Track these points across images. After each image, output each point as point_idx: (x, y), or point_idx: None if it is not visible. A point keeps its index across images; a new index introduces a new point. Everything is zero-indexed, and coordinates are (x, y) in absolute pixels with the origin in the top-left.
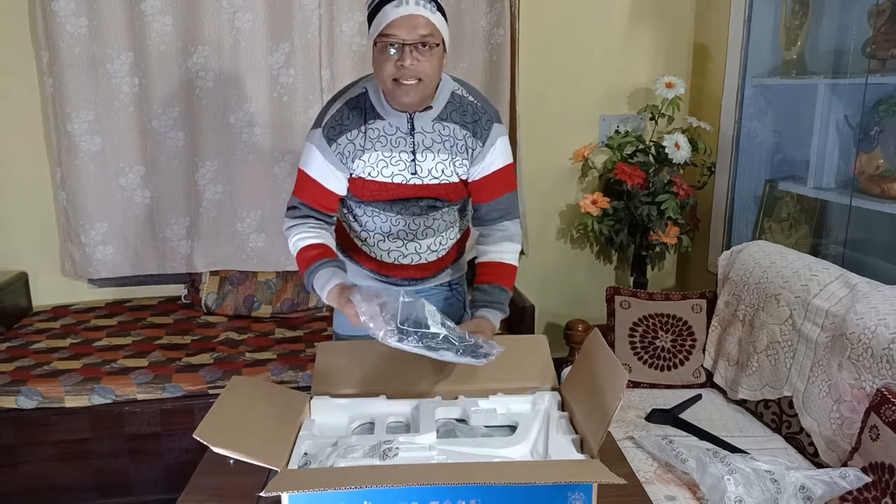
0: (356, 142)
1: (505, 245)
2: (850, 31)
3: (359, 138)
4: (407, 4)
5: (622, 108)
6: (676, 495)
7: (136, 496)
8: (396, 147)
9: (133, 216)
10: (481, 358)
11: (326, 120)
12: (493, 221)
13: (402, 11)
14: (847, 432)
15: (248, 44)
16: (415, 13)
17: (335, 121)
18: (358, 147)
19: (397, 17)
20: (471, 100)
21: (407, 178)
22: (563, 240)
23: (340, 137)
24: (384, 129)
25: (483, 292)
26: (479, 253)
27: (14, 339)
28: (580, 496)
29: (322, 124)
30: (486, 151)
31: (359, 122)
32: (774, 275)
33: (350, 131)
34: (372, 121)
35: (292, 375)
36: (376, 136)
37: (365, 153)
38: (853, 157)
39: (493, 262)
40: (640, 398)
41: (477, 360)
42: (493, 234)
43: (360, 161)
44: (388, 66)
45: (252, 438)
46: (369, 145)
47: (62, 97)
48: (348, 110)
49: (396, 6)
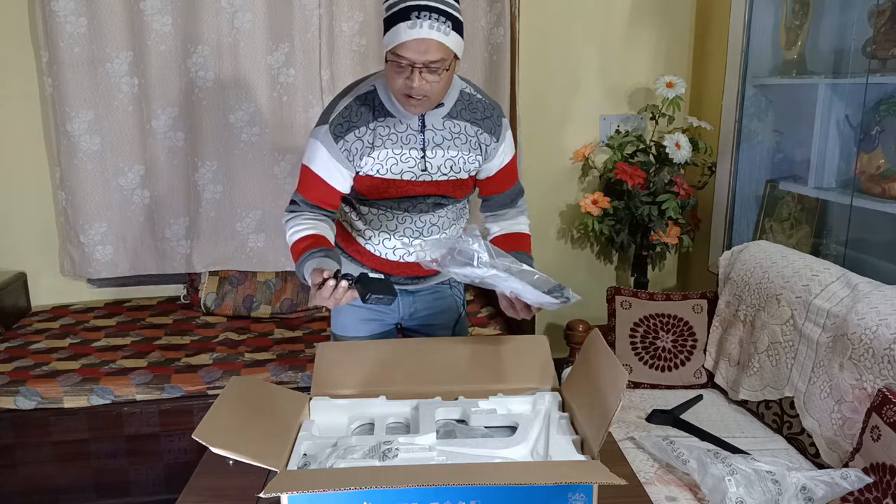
0: (365, 139)
1: (520, 218)
2: (851, 31)
3: (367, 135)
4: (420, 28)
5: (622, 108)
6: (677, 496)
7: (134, 497)
8: (407, 144)
9: (132, 216)
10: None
11: (334, 116)
12: (505, 206)
13: (414, 34)
14: (848, 433)
15: (248, 44)
16: (427, 37)
17: (343, 117)
18: (367, 144)
19: (409, 39)
20: (479, 97)
21: (417, 174)
22: (564, 240)
23: (348, 134)
24: (394, 127)
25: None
26: (494, 228)
27: (13, 339)
28: (581, 497)
29: (329, 121)
30: (499, 146)
31: (368, 120)
32: (775, 275)
33: (358, 128)
34: (382, 118)
35: (292, 376)
36: (386, 134)
37: (374, 150)
38: (854, 157)
39: (513, 233)
40: (640, 399)
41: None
42: (507, 212)
43: (369, 158)
44: (399, 81)
45: (251, 439)
46: (379, 142)
47: (62, 97)
48: (357, 107)
49: (410, 27)
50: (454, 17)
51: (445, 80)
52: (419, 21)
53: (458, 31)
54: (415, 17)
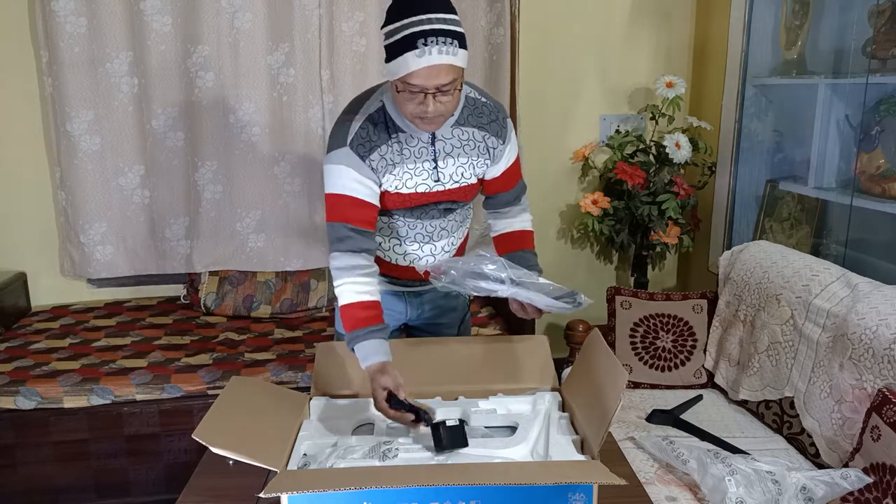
0: (387, 157)
1: (524, 215)
2: (851, 31)
3: (389, 153)
4: (430, 55)
5: (622, 108)
6: (677, 496)
7: (134, 497)
8: (419, 157)
9: (132, 216)
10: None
11: (352, 137)
12: (509, 204)
13: (423, 62)
14: (848, 433)
15: (248, 44)
16: (437, 63)
17: (362, 138)
18: (389, 162)
19: (419, 67)
20: (483, 101)
21: (431, 186)
22: (564, 240)
23: (373, 154)
24: (407, 142)
25: (520, 259)
26: (498, 226)
27: (13, 339)
28: (581, 497)
29: (348, 142)
30: (505, 148)
31: (385, 138)
32: (775, 275)
33: (380, 147)
34: (395, 134)
35: (292, 376)
36: (400, 150)
37: (395, 167)
38: (854, 157)
39: (516, 230)
40: (640, 399)
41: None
42: (511, 209)
43: (390, 176)
44: (410, 106)
45: (251, 439)
46: (398, 159)
47: (62, 97)
48: (372, 126)
49: (419, 55)
50: (459, 35)
51: (457, 96)
52: (427, 48)
53: (463, 47)
54: (422, 44)
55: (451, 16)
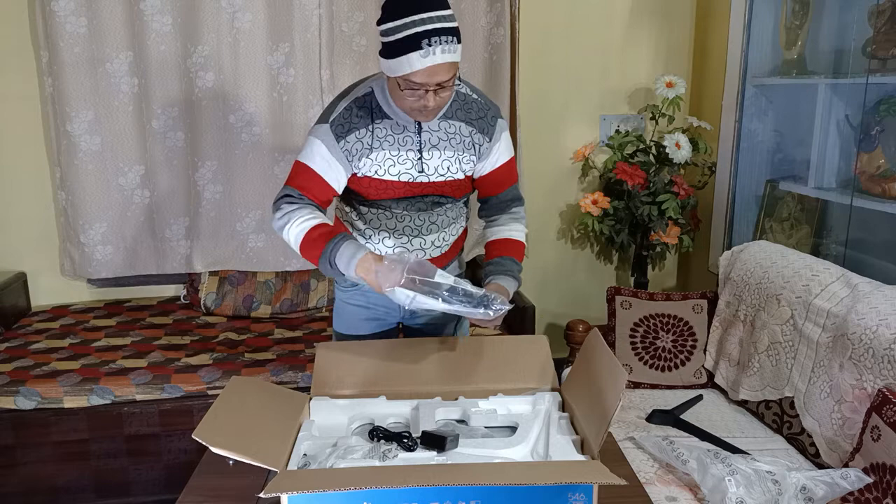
0: (364, 140)
1: (513, 225)
2: (851, 31)
3: (367, 137)
4: (434, 55)
5: (622, 108)
6: (677, 496)
7: (134, 497)
8: (403, 146)
9: (132, 216)
10: (489, 309)
11: (335, 116)
12: (501, 211)
13: (427, 62)
14: (848, 433)
15: (248, 44)
16: (440, 62)
17: (343, 118)
18: (366, 146)
19: (423, 67)
20: (475, 97)
21: (414, 176)
22: (564, 240)
23: (349, 135)
24: (391, 129)
25: (496, 264)
26: (488, 235)
27: (13, 339)
28: (580, 497)
29: (330, 120)
30: (492, 147)
31: (367, 122)
32: (775, 275)
33: (358, 130)
34: (379, 120)
35: (292, 376)
36: (383, 136)
37: (373, 152)
38: (854, 157)
39: (503, 238)
40: (640, 399)
41: (487, 311)
42: (501, 217)
43: (368, 160)
44: (410, 101)
45: (251, 439)
46: (377, 144)
47: (62, 97)
48: (356, 109)
49: (423, 55)
50: (457, 30)
51: (453, 88)
52: (431, 48)
53: (459, 41)
54: (426, 45)
55: (448, 12)
